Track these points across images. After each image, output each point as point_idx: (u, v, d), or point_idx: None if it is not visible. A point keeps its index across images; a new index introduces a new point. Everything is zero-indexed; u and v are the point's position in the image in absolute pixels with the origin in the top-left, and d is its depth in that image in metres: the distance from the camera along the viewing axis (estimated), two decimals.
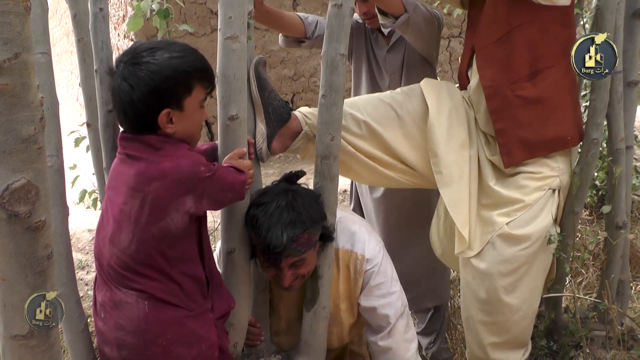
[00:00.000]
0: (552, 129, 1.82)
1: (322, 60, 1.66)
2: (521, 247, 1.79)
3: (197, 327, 1.44)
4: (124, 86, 1.35)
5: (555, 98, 1.82)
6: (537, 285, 1.87)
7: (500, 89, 1.83)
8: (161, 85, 1.34)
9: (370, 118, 1.86)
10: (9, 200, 0.96)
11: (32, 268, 1.04)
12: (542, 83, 1.81)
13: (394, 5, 2.02)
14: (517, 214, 1.80)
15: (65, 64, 9.01)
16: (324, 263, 1.74)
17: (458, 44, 5.57)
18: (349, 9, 1.63)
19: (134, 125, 1.39)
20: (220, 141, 1.59)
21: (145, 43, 1.41)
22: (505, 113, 1.84)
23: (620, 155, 2.02)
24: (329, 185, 1.69)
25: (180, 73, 1.36)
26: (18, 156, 0.96)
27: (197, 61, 1.40)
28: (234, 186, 1.48)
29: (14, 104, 0.95)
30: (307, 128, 1.84)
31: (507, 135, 1.84)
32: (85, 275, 3.15)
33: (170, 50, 1.37)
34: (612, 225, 2.06)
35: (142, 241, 1.36)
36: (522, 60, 1.81)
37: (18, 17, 0.94)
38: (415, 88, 1.92)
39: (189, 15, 4.45)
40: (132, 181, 1.35)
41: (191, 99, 1.39)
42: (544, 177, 1.83)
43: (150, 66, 1.34)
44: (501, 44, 1.82)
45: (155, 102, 1.35)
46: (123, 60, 1.38)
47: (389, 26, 2.03)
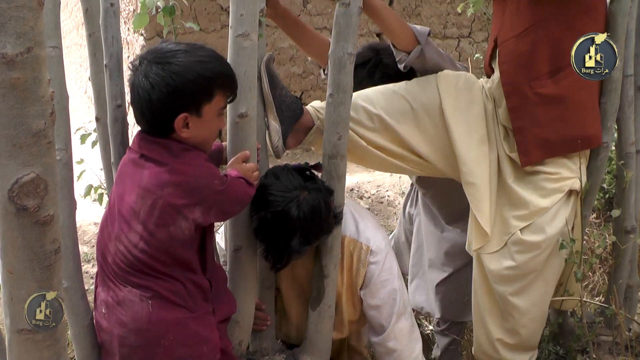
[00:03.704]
0: (572, 128, 1.78)
1: (330, 60, 1.65)
2: (533, 254, 1.77)
3: (199, 329, 1.44)
4: (144, 83, 1.33)
5: (576, 96, 1.77)
6: (548, 289, 1.86)
7: (519, 86, 1.79)
8: (182, 88, 1.32)
9: (384, 111, 1.83)
10: (18, 194, 0.96)
11: (40, 262, 1.04)
12: (563, 81, 1.75)
13: (406, 38, 1.91)
14: (532, 219, 1.77)
15: (74, 56, 9.02)
16: (331, 263, 1.73)
17: (467, 44, 5.54)
18: (356, 7, 1.62)
19: (150, 125, 1.38)
20: (229, 138, 1.58)
21: (171, 43, 1.39)
22: (524, 111, 1.79)
23: (631, 159, 2.00)
24: (336, 184, 1.68)
25: (202, 78, 1.34)
26: (28, 150, 0.96)
27: (221, 68, 1.39)
28: (243, 199, 1.48)
29: (25, 98, 0.95)
30: (319, 122, 1.83)
31: (526, 134, 1.80)
32: (90, 268, 3.15)
33: (196, 54, 1.35)
34: (621, 229, 2.04)
35: (149, 243, 1.36)
36: (544, 56, 1.75)
37: (31, 12, 0.94)
38: (431, 80, 1.88)
39: (199, 11, 4.44)
40: (145, 182, 1.35)
41: (210, 106, 1.38)
42: (562, 179, 1.79)
43: (173, 67, 1.32)
44: (523, 39, 1.77)
45: (174, 104, 1.33)
46: (147, 58, 1.36)
47: (404, 60, 1.92)
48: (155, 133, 1.38)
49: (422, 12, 5.30)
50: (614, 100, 1.88)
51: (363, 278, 1.79)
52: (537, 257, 1.78)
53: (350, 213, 1.83)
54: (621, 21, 1.84)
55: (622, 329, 2.00)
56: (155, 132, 1.38)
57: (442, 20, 5.39)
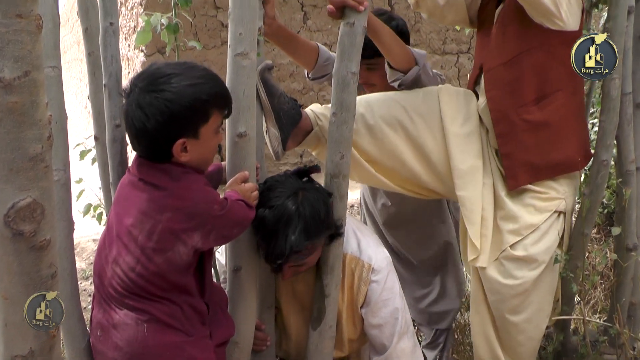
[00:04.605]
0: (558, 152, 1.82)
1: (334, 79, 1.65)
2: (526, 269, 1.78)
3: (196, 352, 1.42)
4: (138, 114, 1.30)
5: (561, 121, 1.82)
6: (544, 307, 1.86)
7: (507, 113, 1.83)
8: (177, 115, 1.29)
9: (382, 120, 1.86)
10: (14, 218, 0.96)
11: (36, 287, 1.03)
12: (549, 107, 1.80)
13: (404, 57, 1.94)
14: (524, 233, 1.79)
15: (75, 71, 9.07)
16: (332, 282, 1.72)
17: (467, 60, 5.56)
18: (361, 27, 1.63)
19: (148, 152, 1.36)
20: (228, 158, 1.57)
21: (163, 67, 1.35)
22: (511, 137, 1.83)
23: (631, 177, 2.01)
24: (338, 203, 1.68)
25: (198, 101, 1.31)
26: (24, 174, 0.95)
27: (215, 88, 1.36)
28: (242, 222, 1.46)
29: (22, 122, 0.94)
30: (317, 128, 1.85)
31: (513, 159, 1.84)
32: (88, 285, 3.14)
33: (189, 76, 1.32)
34: (622, 247, 2.04)
35: (146, 267, 1.34)
36: (530, 84, 1.80)
37: (30, 36, 0.93)
38: (432, 92, 1.91)
39: (199, 27, 4.46)
40: (144, 206, 1.33)
41: (207, 127, 1.35)
42: (550, 199, 1.83)
43: (167, 94, 1.28)
44: (509, 67, 1.82)
45: (171, 132, 1.31)
46: (138, 85, 1.32)
47: (400, 79, 1.94)
48: (153, 159, 1.36)
49: (422, 28, 5.33)
50: (613, 118, 1.90)
51: (364, 296, 1.78)
52: (531, 272, 1.79)
53: (352, 231, 1.82)
54: (618, 39, 1.86)
55: (627, 347, 1.99)
56: (153, 158, 1.36)
57: (441, 36, 5.43)
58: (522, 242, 1.79)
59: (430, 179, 1.92)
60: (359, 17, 1.62)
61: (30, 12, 0.93)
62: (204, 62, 4.49)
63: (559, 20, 1.71)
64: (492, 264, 1.83)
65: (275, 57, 4.64)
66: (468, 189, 1.85)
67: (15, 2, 0.91)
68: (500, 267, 1.81)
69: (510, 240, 1.80)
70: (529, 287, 1.79)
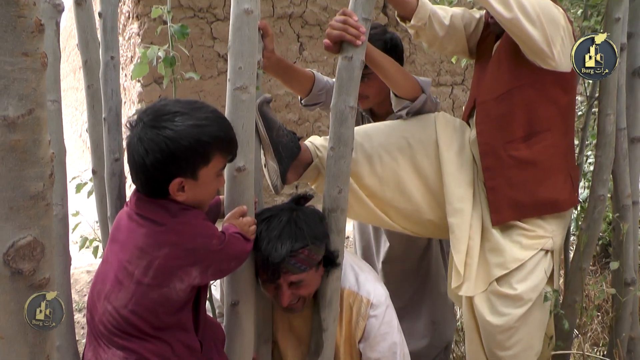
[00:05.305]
0: (544, 192, 1.82)
1: (332, 113, 1.66)
2: (512, 307, 1.78)
3: None
4: (139, 148, 1.30)
5: (549, 161, 1.82)
6: (533, 344, 1.84)
7: (495, 147, 1.84)
8: (176, 154, 1.29)
9: (381, 147, 1.87)
10: (13, 257, 0.94)
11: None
12: (537, 146, 1.81)
13: (409, 86, 1.94)
14: (510, 267, 1.79)
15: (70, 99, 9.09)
16: (330, 316, 1.70)
17: (461, 92, 5.63)
18: (359, 61, 1.64)
19: (145, 187, 1.36)
20: (226, 192, 1.57)
21: (170, 104, 1.35)
22: (498, 172, 1.84)
23: (627, 211, 2.02)
24: (335, 238, 1.67)
25: (199, 143, 1.30)
26: (25, 213, 0.94)
27: (219, 131, 1.35)
28: (240, 256, 1.46)
29: (24, 160, 0.94)
30: (317, 160, 1.86)
31: (498, 194, 1.84)
32: (81, 318, 3.09)
33: (194, 116, 1.31)
34: (620, 282, 2.04)
35: (139, 303, 1.32)
36: (519, 121, 1.81)
37: (35, 73, 0.94)
38: (429, 119, 1.93)
39: (196, 57, 4.50)
40: (141, 242, 1.32)
41: (207, 169, 1.35)
42: (537, 237, 1.82)
43: (168, 132, 1.28)
44: (500, 102, 1.83)
45: (168, 170, 1.30)
46: (143, 120, 1.32)
47: (408, 106, 1.94)
48: (151, 195, 1.36)
49: (417, 60, 5.40)
50: (609, 154, 1.91)
51: (362, 331, 1.76)
52: (518, 308, 1.77)
53: (350, 265, 1.82)
54: (612, 76, 1.89)
55: None
56: (150, 194, 1.36)
57: (435, 68, 5.49)
58: (508, 279, 1.79)
59: (429, 208, 1.91)
60: (357, 50, 1.63)
61: (36, 50, 0.94)
62: (200, 93, 4.52)
63: (551, 60, 1.73)
64: (480, 296, 1.82)
65: (272, 87, 4.67)
66: (458, 216, 1.85)
67: (22, 40, 0.91)
68: (488, 302, 1.81)
69: (496, 273, 1.80)
70: (516, 324, 1.78)
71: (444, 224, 1.91)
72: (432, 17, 1.83)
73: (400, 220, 1.95)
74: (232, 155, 1.43)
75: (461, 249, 1.85)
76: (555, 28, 1.71)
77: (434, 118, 1.93)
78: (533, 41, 1.70)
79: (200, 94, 4.54)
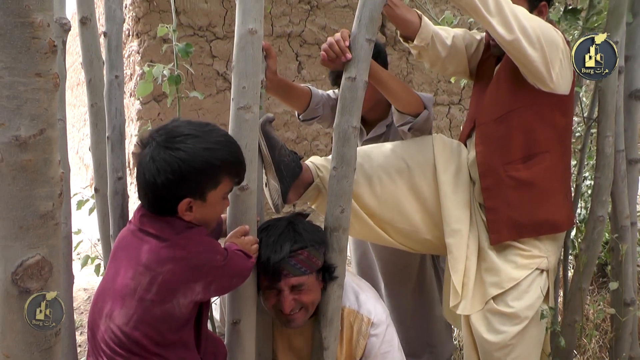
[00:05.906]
0: (542, 212, 1.84)
1: (334, 133, 1.67)
2: (509, 324, 1.79)
3: None
4: (150, 166, 1.32)
5: (548, 183, 1.85)
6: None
7: (494, 167, 1.86)
8: (187, 175, 1.31)
9: (381, 169, 1.89)
10: (22, 276, 0.95)
11: (39, 345, 1.01)
12: (536, 167, 1.84)
13: (412, 102, 1.97)
14: (505, 286, 1.80)
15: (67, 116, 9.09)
16: (330, 335, 1.70)
17: (458, 111, 5.67)
18: (362, 81, 1.65)
19: (153, 205, 1.37)
20: (229, 211, 1.58)
21: (183, 125, 1.37)
22: (497, 192, 1.86)
23: (626, 232, 2.02)
24: (337, 257, 1.68)
25: (209, 166, 1.33)
26: (34, 232, 0.95)
27: (229, 155, 1.38)
28: (242, 272, 1.47)
29: (34, 180, 0.94)
30: (318, 180, 1.88)
31: (497, 214, 1.86)
32: (79, 336, 3.06)
33: (206, 139, 1.34)
34: (620, 302, 2.04)
35: (142, 320, 1.32)
36: (518, 143, 1.84)
37: (47, 94, 0.95)
38: (427, 141, 1.96)
39: (195, 76, 4.52)
40: (144, 258, 1.33)
41: (215, 192, 1.37)
42: (533, 256, 1.84)
43: (181, 154, 1.30)
44: (499, 124, 1.86)
45: (178, 190, 1.32)
46: (156, 139, 1.34)
47: (411, 122, 1.97)
48: (157, 213, 1.37)
49: (414, 79, 5.44)
50: (608, 175, 1.93)
51: (363, 350, 1.76)
52: (514, 326, 1.78)
53: (350, 285, 1.82)
54: (610, 99, 1.91)
55: None
56: (157, 212, 1.37)
57: (432, 87, 5.53)
58: (504, 297, 1.80)
59: (427, 229, 1.93)
60: (361, 71, 1.64)
61: (49, 71, 0.95)
62: (199, 111, 4.53)
63: (549, 82, 1.76)
64: (476, 314, 1.84)
65: (270, 106, 4.70)
66: (455, 237, 1.88)
67: (35, 61, 0.93)
68: (485, 320, 1.83)
69: (492, 292, 1.82)
70: (513, 341, 1.79)
71: (442, 243, 1.93)
72: (435, 37, 1.86)
73: (399, 238, 1.97)
74: (240, 179, 1.45)
75: (459, 269, 1.86)
76: (555, 51, 1.74)
77: (431, 140, 1.95)
78: (532, 63, 1.72)
79: (199, 112, 4.56)
